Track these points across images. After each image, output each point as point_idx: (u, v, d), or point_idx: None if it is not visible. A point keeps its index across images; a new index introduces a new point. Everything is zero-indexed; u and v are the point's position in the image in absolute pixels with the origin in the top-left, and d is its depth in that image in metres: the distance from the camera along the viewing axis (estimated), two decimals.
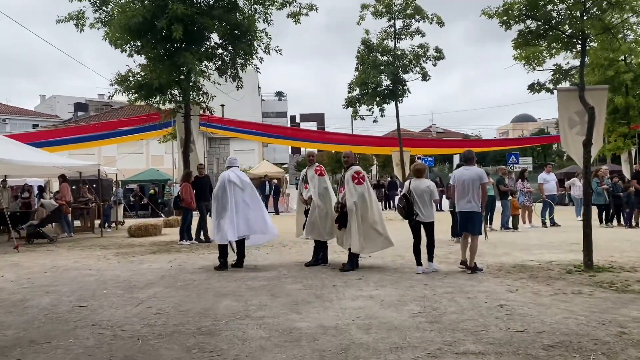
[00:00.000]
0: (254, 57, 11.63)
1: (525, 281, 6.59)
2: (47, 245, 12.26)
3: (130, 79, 10.80)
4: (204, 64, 11.09)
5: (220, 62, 11.47)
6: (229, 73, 11.53)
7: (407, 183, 7.65)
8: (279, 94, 64.64)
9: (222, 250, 7.97)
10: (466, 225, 7.49)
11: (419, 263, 7.41)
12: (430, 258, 7.50)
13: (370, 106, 18.05)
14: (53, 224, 13.94)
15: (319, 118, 73.03)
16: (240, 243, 8.08)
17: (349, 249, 7.66)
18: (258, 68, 11.70)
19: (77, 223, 18.55)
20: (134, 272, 7.91)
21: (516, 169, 21.66)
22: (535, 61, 8.65)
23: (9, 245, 11.52)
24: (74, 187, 23.46)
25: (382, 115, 18.20)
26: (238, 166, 8.41)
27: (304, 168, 8.88)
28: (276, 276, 7.25)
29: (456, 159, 39.15)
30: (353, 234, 7.48)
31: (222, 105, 44.01)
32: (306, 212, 8.20)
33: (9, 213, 13.10)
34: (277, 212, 23.68)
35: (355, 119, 18.43)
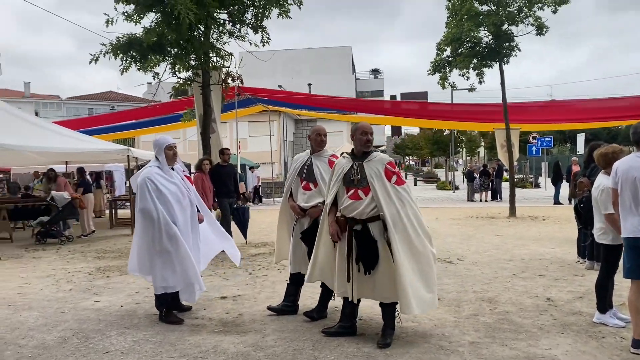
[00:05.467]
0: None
1: None
2: (54, 248, 10.16)
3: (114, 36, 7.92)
4: (209, 10, 7.82)
5: (235, 7, 8.22)
6: (247, 21, 8.29)
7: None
8: (375, 72, 60.46)
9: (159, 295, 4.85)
10: None
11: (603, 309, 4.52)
12: (600, 308, 4.53)
13: (465, 70, 13.78)
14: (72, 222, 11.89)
15: (422, 96, 68.04)
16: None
17: (384, 305, 4.19)
18: (288, 13, 8.30)
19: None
20: (59, 317, 5.17)
21: None
22: None
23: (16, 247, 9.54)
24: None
25: (480, 82, 13.88)
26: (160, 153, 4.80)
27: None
28: (249, 351, 4.03)
29: (580, 140, 32.13)
30: (405, 275, 3.98)
31: (309, 85, 41.47)
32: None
33: (12, 207, 11.29)
34: None
35: (444, 87, 14.25)
